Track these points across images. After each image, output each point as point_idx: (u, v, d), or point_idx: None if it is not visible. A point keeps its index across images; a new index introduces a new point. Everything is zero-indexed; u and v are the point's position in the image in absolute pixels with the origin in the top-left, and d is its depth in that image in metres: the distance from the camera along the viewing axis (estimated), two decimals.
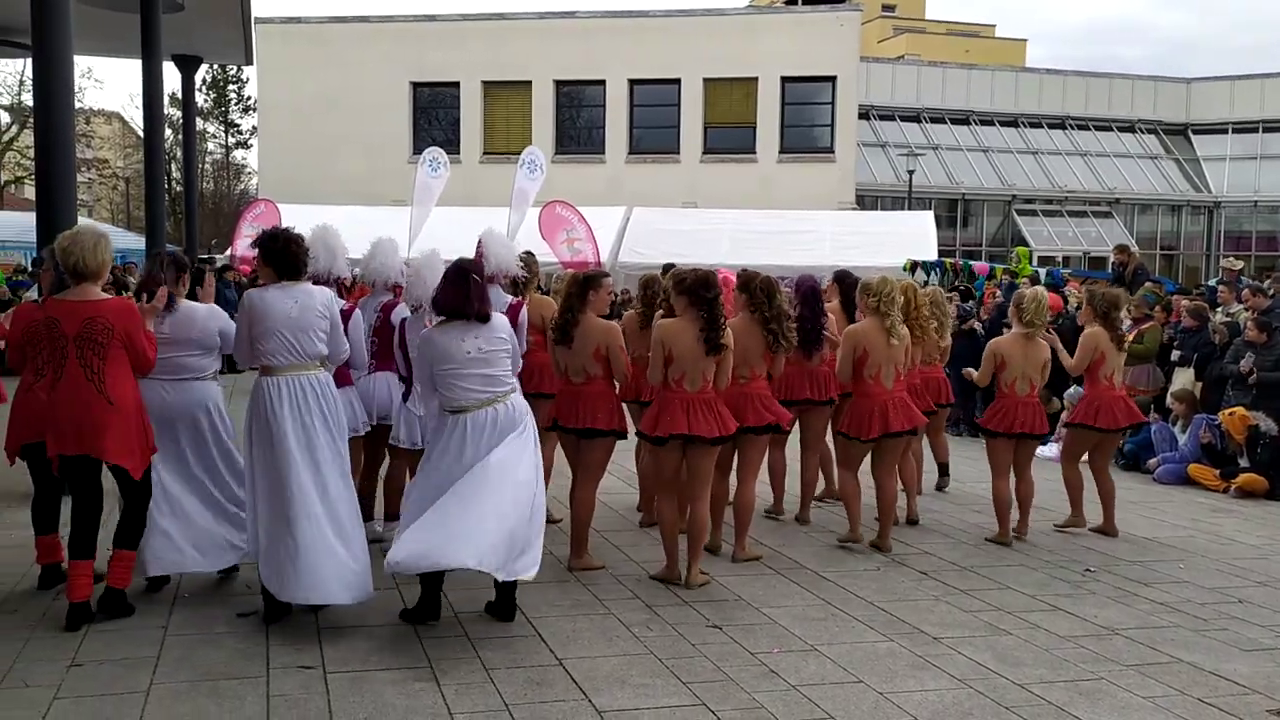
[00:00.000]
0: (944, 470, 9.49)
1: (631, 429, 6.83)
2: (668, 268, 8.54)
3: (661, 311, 7.05)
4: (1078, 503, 8.11)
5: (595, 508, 6.77)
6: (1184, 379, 11.55)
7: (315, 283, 5.97)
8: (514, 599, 5.63)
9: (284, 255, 5.59)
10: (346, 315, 6.17)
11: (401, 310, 6.69)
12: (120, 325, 5.32)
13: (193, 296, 6.15)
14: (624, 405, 6.91)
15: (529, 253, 8.09)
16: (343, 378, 6.36)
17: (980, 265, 19.64)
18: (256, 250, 5.84)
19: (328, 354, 5.66)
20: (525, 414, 5.65)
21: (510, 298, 7.05)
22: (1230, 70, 53.96)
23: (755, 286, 6.84)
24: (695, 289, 6.19)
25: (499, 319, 5.65)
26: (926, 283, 17.44)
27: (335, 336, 5.68)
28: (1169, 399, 11.34)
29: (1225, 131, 40.04)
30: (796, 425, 7.99)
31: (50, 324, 5.27)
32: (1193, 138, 40.80)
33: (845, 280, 8.43)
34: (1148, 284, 13.90)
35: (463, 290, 5.48)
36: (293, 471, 5.39)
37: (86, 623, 5.33)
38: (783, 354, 6.94)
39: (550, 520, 7.76)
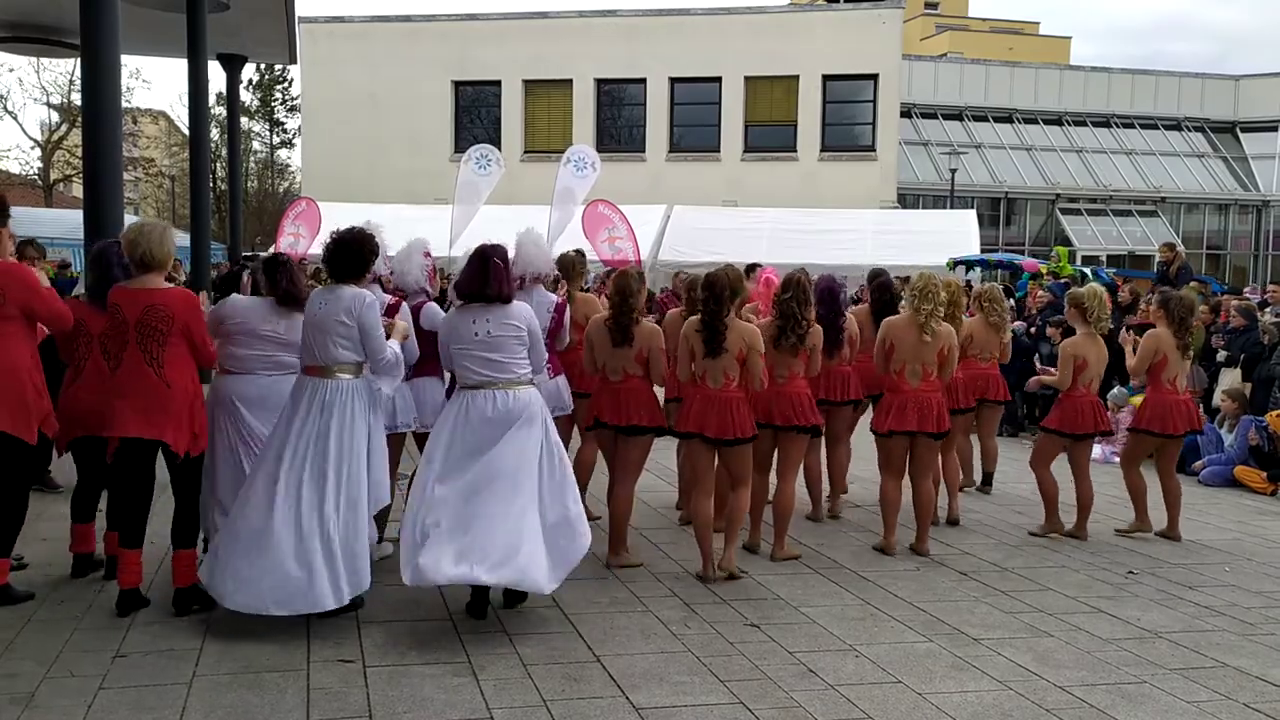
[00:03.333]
0: (987, 479, 9.35)
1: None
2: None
3: (683, 309, 7.12)
4: (1142, 508, 7.94)
5: (634, 505, 6.77)
6: (1230, 379, 11.38)
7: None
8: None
9: (328, 256, 5.64)
10: (394, 309, 6.17)
11: (431, 311, 6.53)
12: (181, 316, 5.43)
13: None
14: (666, 403, 6.95)
15: (579, 251, 8.13)
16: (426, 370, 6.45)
17: (1028, 262, 19.40)
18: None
19: (362, 360, 5.53)
20: (532, 405, 5.56)
21: (555, 297, 7.08)
22: None
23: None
24: (702, 288, 6.30)
25: (519, 308, 5.65)
26: (983, 279, 17.31)
27: (368, 343, 5.47)
28: (1219, 397, 11.16)
29: (1274, 129, 39.37)
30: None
31: (113, 310, 5.41)
32: (1241, 136, 40.20)
33: (875, 280, 8.43)
34: (1191, 284, 13.71)
35: (480, 273, 5.52)
36: (279, 472, 5.34)
37: (136, 609, 5.46)
38: (816, 354, 6.93)
39: (589, 517, 7.79)
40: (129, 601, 5.45)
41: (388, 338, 5.63)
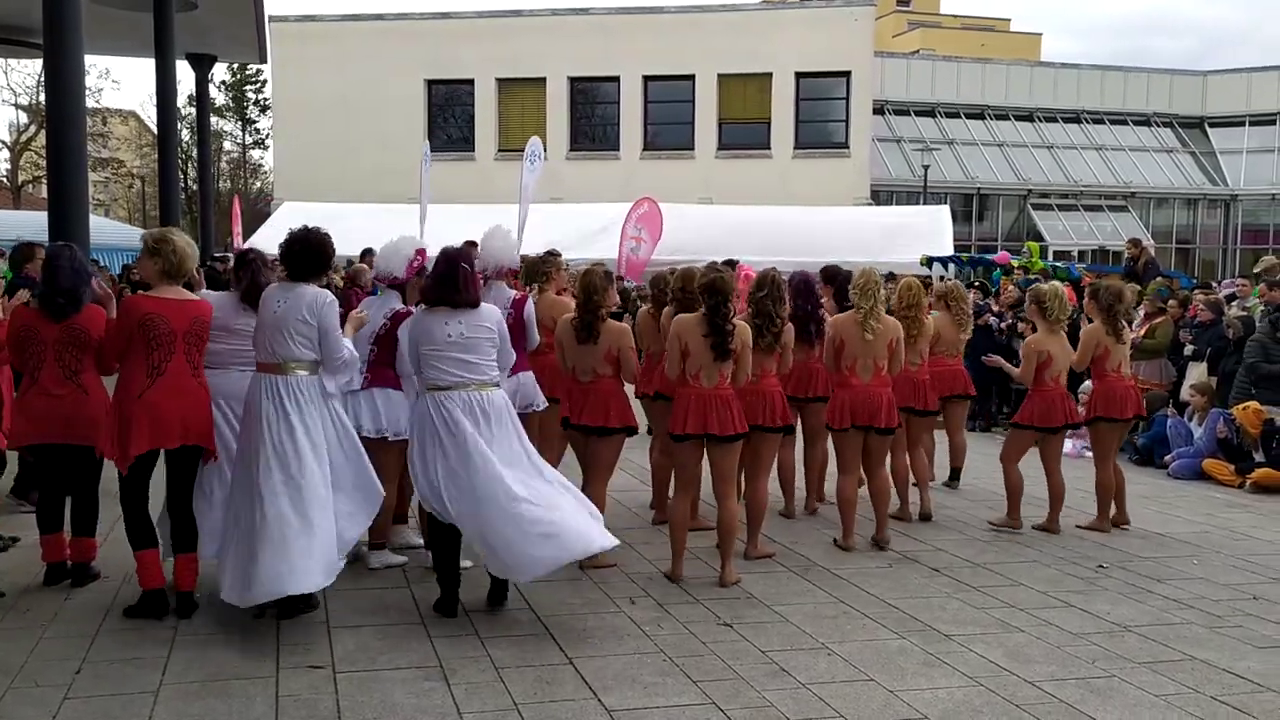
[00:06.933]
0: (955, 474, 9.37)
1: (643, 425, 6.83)
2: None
3: (673, 307, 7.05)
4: (1105, 506, 7.98)
5: (606, 505, 6.75)
6: (1197, 374, 11.46)
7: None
8: (505, 585, 5.75)
9: (286, 255, 5.62)
10: (401, 317, 6.14)
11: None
12: (210, 325, 5.59)
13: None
14: (635, 401, 6.92)
15: (551, 251, 8.10)
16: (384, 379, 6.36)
17: (1000, 255, 19.50)
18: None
19: (319, 358, 5.52)
20: (502, 406, 5.62)
21: (514, 293, 7.06)
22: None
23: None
24: (707, 292, 6.21)
25: (488, 309, 5.69)
26: (944, 277, 17.38)
27: (325, 343, 5.47)
28: (1187, 391, 11.25)
29: (1242, 124, 39.73)
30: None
31: (154, 321, 5.34)
32: (1209, 131, 40.50)
33: (835, 278, 8.42)
34: (1158, 279, 13.81)
35: (448, 278, 5.53)
36: (258, 469, 5.35)
37: (166, 611, 5.46)
38: (787, 351, 6.92)
39: None
40: (186, 604, 5.52)
41: (343, 328, 5.66)
